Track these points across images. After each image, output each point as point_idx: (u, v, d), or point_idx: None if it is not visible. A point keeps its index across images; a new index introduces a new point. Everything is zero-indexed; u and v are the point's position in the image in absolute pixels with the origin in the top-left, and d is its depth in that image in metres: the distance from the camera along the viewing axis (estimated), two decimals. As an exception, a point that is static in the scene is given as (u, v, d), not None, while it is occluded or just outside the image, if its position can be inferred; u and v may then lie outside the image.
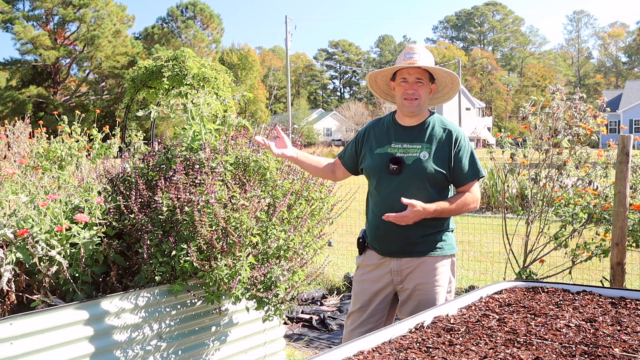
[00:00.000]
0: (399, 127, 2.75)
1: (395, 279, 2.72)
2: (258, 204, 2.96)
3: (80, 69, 39.58)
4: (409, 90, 2.66)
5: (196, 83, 5.42)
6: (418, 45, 2.73)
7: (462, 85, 59.92)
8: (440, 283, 2.70)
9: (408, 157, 2.64)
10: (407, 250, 2.67)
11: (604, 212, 4.20)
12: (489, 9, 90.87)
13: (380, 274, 2.75)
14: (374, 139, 2.78)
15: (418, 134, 2.69)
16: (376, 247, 2.76)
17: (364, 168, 2.79)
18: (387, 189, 2.66)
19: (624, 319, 2.04)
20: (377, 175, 2.70)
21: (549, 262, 4.89)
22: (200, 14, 45.88)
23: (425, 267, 2.67)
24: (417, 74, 2.66)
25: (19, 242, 2.75)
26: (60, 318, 2.51)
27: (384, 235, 2.69)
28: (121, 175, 3.37)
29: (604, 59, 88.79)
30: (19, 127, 5.05)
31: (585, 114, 4.34)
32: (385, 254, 2.73)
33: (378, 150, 2.73)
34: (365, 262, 2.82)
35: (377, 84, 2.90)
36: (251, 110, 45.10)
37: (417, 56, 2.66)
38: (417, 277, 2.68)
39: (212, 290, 2.89)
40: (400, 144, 2.69)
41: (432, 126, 2.70)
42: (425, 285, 2.67)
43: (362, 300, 2.81)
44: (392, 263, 2.71)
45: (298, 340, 4.55)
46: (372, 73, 2.83)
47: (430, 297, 2.67)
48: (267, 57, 71.31)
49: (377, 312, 2.78)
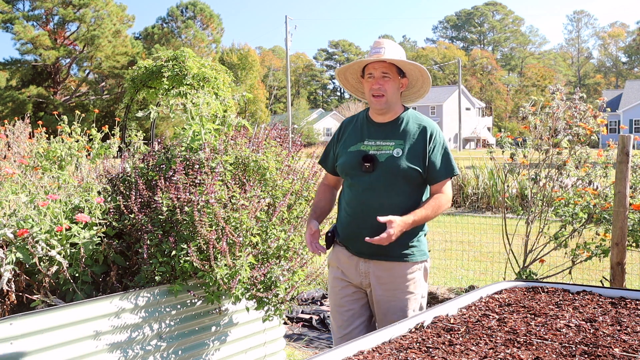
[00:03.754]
0: (372, 124, 2.67)
1: (364, 282, 2.64)
2: (258, 204, 2.96)
3: (80, 69, 39.56)
4: (375, 85, 2.58)
5: (196, 83, 5.42)
6: (385, 40, 2.65)
7: (462, 85, 59.92)
8: (411, 290, 2.60)
9: (381, 155, 2.56)
10: (377, 252, 2.57)
11: (604, 212, 4.20)
12: (489, 9, 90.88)
13: (350, 275, 2.67)
14: (348, 137, 2.70)
15: (391, 130, 2.62)
16: (346, 245, 2.67)
17: (338, 166, 2.70)
18: (360, 187, 2.58)
19: (624, 319, 2.04)
20: (350, 173, 2.62)
21: (549, 262, 4.89)
22: (200, 14, 45.85)
23: (394, 274, 2.59)
24: (383, 68, 2.58)
25: (19, 242, 2.75)
26: (60, 318, 2.51)
27: (355, 234, 2.60)
28: (121, 175, 3.37)
29: (604, 59, 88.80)
30: (19, 127, 5.05)
31: (585, 114, 4.34)
32: (356, 253, 2.64)
33: (351, 148, 2.64)
34: (334, 261, 2.74)
35: (348, 81, 2.82)
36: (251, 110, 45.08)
37: (383, 50, 2.58)
38: (386, 283, 2.60)
39: (212, 290, 2.89)
40: (373, 141, 2.62)
41: (406, 122, 2.62)
42: (394, 292, 2.59)
43: (337, 303, 2.74)
44: (361, 264, 2.63)
45: (298, 340, 4.55)
46: (340, 69, 2.75)
47: (400, 305, 2.59)
48: (267, 57, 71.31)
49: (357, 312, 2.70)
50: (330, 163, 2.79)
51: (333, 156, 2.77)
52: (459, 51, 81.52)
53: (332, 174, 2.83)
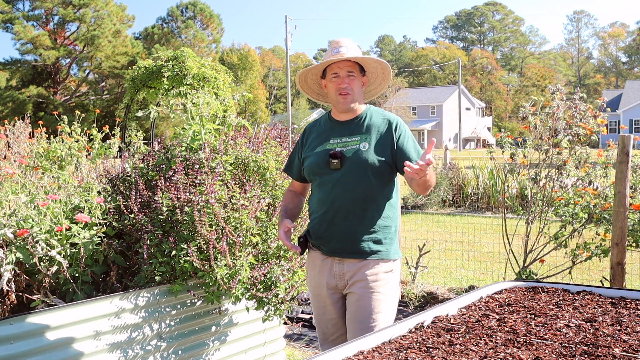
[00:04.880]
0: (336, 123, 2.69)
1: (339, 284, 2.63)
2: (258, 204, 2.96)
3: (80, 69, 39.58)
4: (342, 84, 2.60)
5: (196, 83, 5.42)
6: (344, 39, 2.67)
7: (462, 85, 59.96)
8: (382, 290, 2.59)
9: (348, 150, 2.58)
10: (351, 249, 2.58)
11: (604, 212, 4.20)
12: (489, 9, 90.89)
13: (325, 279, 2.66)
14: (313, 140, 2.71)
15: (356, 126, 2.64)
16: (320, 246, 2.66)
17: (305, 168, 2.70)
18: (329, 185, 2.58)
19: (624, 319, 2.04)
20: (319, 172, 2.63)
21: (549, 262, 4.89)
22: (200, 14, 45.87)
23: (366, 270, 2.58)
24: (348, 67, 2.60)
25: (19, 242, 2.75)
26: (60, 318, 2.51)
27: (328, 231, 2.60)
28: (121, 175, 3.37)
29: (604, 59, 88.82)
30: (19, 127, 5.05)
31: (585, 114, 4.34)
32: (328, 253, 2.63)
33: (318, 149, 2.65)
34: (310, 266, 2.73)
35: (308, 84, 2.82)
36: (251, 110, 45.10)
37: (345, 49, 2.61)
38: (359, 280, 2.58)
39: (212, 290, 2.89)
40: (338, 139, 2.63)
41: (369, 117, 2.65)
42: (366, 291, 2.57)
43: (318, 312, 2.73)
44: (335, 266, 2.62)
45: (298, 340, 4.55)
46: (302, 72, 2.75)
47: (370, 304, 2.57)
48: (267, 57, 71.30)
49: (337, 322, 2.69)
50: (296, 169, 2.79)
51: (299, 162, 2.77)
52: (459, 51, 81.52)
53: (298, 181, 2.83)
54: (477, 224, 9.22)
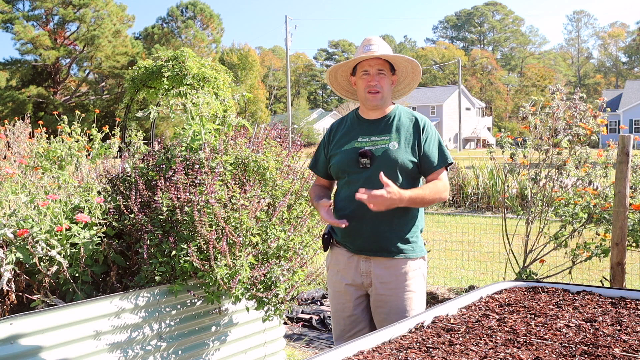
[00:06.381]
0: (364, 122, 2.69)
1: (365, 282, 2.64)
2: (258, 204, 2.96)
3: (80, 69, 39.57)
4: (372, 82, 2.61)
5: (196, 83, 5.42)
6: (375, 37, 2.69)
7: (462, 85, 59.94)
8: (413, 289, 2.60)
9: (377, 149, 2.58)
10: (378, 247, 2.59)
11: (604, 212, 4.20)
12: (489, 9, 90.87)
13: (351, 275, 2.66)
14: (340, 138, 2.71)
15: (385, 125, 2.65)
16: (346, 243, 2.67)
17: (332, 166, 2.70)
18: (358, 183, 2.57)
19: (624, 319, 2.04)
20: (347, 171, 2.63)
21: (549, 262, 4.89)
22: (200, 14, 45.86)
23: (395, 272, 2.59)
24: (378, 65, 2.62)
25: (19, 242, 2.75)
26: (60, 318, 2.51)
27: (355, 230, 2.60)
28: (121, 175, 3.37)
29: (604, 59, 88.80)
30: (19, 127, 5.05)
31: (585, 114, 4.34)
32: (355, 251, 2.64)
33: (345, 147, 2.65)
34: (334, 263, 2.74)
35: (338, 81, 2.83)
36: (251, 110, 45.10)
37: (376, 47, 2.62)
38: (388, 282, 2.59)
39: (212, 290, 2.89)
40: (367, 137, 2.63)
41: (398, 116, 2.66)
42: (397, 291, 2.58)
43: (337, 308, 2.73)
44: (362, 264, 2.63)
45: (298, 340, 4.55)
46: (332, 68, 2.76)
47: (403, 304, 2.59)
48: (267, 57, 71.33)
49: (359, 317, 2.70)
50: (322, 167, 2.80)
51: (325, 159, 2.77)
52: (458, 51, 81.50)
53: (324, 178, 2.84)
54: (477, 224, 9.22)
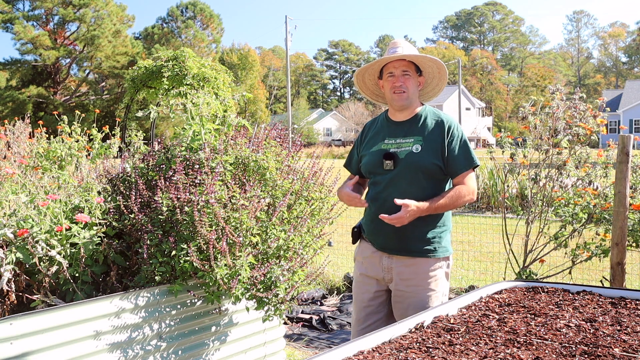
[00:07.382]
0: (392, 123, 2.75)
1: (386, 277, 2.70)
2: (258, 204, 2.95)
3: (80, 69, 39.58)
4: (397, 83, 2.66)
5: (196, 83, 5.42)
6: (401, 40, 2.75)
7: (462, 85, 59.93)
8: (433, 287, 2.64)
9: (401, 152, 2.62)
10: (400, 247, 2.64)
11: (604, 212, 4.20)
12: (489, 9, 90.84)
13: (373, 269, 2.75)
14: (370, 139, 2.79)
15: (410, 127, 2.68)
16: (371, 240, 2.77)
17: (362, 166, 2.79)
18: (382, 184, 2.66)
19: (624, 319, 2.04)
20: (373, 172, 2.71)
21: (549, 262, 4.89)
22: (200, 14, 45.86)
23: (416, 270, 2.63)
24: (403, 67, 2.67)
25: (19, 242, 2.75)
26: (60, 318, 2.51)
27: (378, 228, 2.67)
28: (121, 175, 3.37)
29: (604, 59, 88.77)
30: (19, 127, 5.05)
31: (585, 114, 4.34)
32: (379, 248, 2.72)
33: (373, 148, 2.73)
34: (360, 255, 2.84)
35: (366, 84, 2.89)
36: (251, 110, 45.11)
37: (401, 49, 2.68)
38: (408, 278, 2.64)
39: (212, 290, 2.89)
40: (393, 139, 2.68)
41: (424, 118, 2.69)
42: (417, 288, 2.63)
43: (358, 297, 2.82)
44: (384, 260, 2.69)
45: (298, 340, 4.55)
46: (358, 71, 2.82)
47: (422, 301, 2.62)
48: (267, 57, 71.33)
49: (375, 309, 2.77)
50: (355, 165, 2.89)
51: (357, 158, 2.86)
52: (458, 51, 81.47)
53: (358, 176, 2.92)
54: (477, 224, 9.22)
